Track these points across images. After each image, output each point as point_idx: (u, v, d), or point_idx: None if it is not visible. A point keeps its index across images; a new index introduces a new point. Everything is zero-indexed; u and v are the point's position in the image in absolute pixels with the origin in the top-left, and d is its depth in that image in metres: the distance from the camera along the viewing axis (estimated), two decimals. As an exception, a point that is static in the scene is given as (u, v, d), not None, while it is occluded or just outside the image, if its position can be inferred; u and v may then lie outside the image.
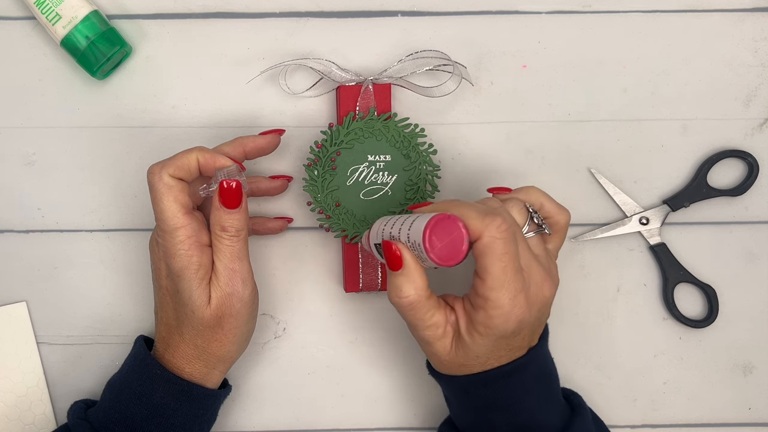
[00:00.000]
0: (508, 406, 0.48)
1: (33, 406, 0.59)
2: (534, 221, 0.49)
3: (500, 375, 0.47)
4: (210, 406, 0.53)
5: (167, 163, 0.49)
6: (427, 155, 0.57)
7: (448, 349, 0.47)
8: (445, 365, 0.49)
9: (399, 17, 0.60)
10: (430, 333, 0.47)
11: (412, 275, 0.46)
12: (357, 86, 0.57)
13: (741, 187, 0.60)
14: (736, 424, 0.61)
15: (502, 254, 0.43)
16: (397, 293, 0.46)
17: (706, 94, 0.61)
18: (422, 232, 0.43)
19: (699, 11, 0.61)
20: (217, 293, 0.49)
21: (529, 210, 0.49)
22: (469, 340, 0.46)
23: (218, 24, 0.59)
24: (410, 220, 0.45)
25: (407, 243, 0.45)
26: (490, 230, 0.43)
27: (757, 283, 0.61)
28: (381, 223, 0.49)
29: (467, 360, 0.47)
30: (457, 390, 0.50)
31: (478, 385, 0.48)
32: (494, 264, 0.43)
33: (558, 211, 0.50)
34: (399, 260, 0.46)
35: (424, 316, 0.46)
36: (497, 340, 0.46)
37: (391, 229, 0.47)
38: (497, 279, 0.44)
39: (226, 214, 0.49)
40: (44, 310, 0.59)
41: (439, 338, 0.47)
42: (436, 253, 0.43)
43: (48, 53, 0.59)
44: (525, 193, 0.51)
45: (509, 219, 0.45)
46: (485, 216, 0.44)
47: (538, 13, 0.60)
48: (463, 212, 0.44)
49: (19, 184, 0.59)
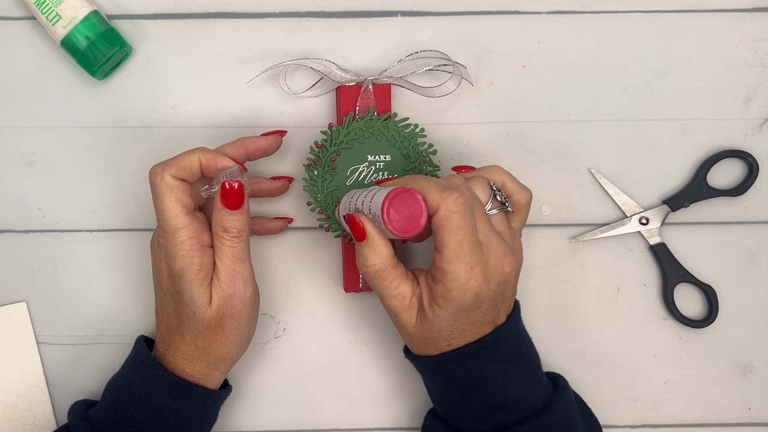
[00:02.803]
0: (480, 384, 0.49)
1: (33, 406, 0.59)
2: (497, 199, 0.50)
3: (468, 353, 0.48)
4: (210, 406, 0.53)
5: (169, 163, 0.49)
6: (427, 155, 0.57)
7: (414, 322, 0.49)
8: (414, 340, 0.50)
9: (399, 17, 0.60)
10: (396, 303, 0.48)
11: (376, 245, 0.47)
12: (357, 86, 0.57)
13: (741, 187, 0.60)
14: (736, 424, 0.61)
15: (458, 227, 0.45)
16: (363, 262, 0.48)
17: (705, 94, 0.61)
18: (381, 205, 0.45)
19: (699, 11, 0.61)
20: (218, 294, 0.49)
21: (492, 188, 0.50)
22: (430, 313, 0.47)
23: (218, 24, 0.59)
24: (372, 193, 0.47)
25: (369, 215, 0.47)
26: (446, 204, 0.45)
27: (757, 283, 0.61)
28: (348, 196, 0.51)
29: (430, 333, 0.48)
30: (430, 372, 0.51)
31: (448, 363, 0.49)
32: (450, 237, 0.45)
33: (519, 189, 0.51)
34: (363, 232, 0.48)
35: (389, 285, 0.48)
36: (456, 312, 0.46)
37: (356, 202, 0.49)
38: (453, 251, 0.45)
39: (228, 215, 0.49)
40: (44, 310, 0.59)
41: (405, 309, 0.49)
42: (394, 225, 0.45)
43: (48, 53, 0.59)
44: (488, 171, 0.52)
45: (467, 193, 0.46)
46: (443, 190, 0.45)
47: (538, 13, 0.60)
48: (423, 186, 0.46)
49: (19, 184, 0.59)
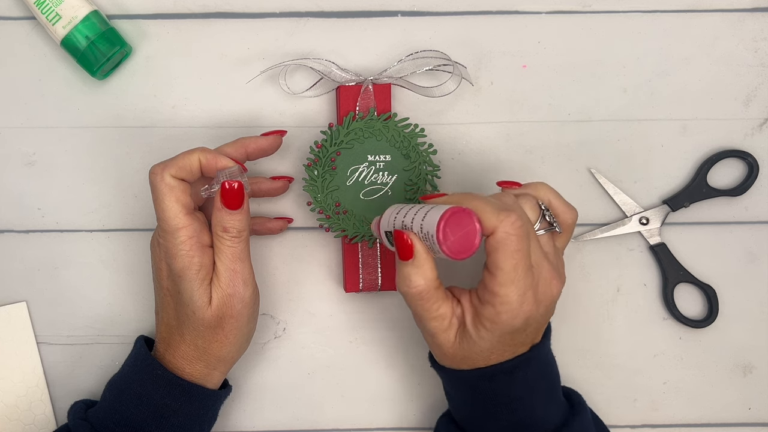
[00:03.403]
0: (509, 402, 0.48)
1: (33, 406, 0.59)
2: (545, 219, 0.49)
3: (503, 371, 0.47)
4: (210, 406, 0.53)
5: (169, 163, 0.49)
6: (427, 155, 0.57)
7: (452, 342, 0.47)
8: (448, 358, 0.49)
9: (399, 17, 0.60)
10: (436, 324, 0.47)
11: (422, 266, 0.46)
12: (357, 86, 0.57)
13: (741, 187, 0.60)
14: (736, 424, 0.61)
15: (515, 251, 0.43)
16: (406, 283, 0.46)
17: (706, 94, 0.61)
18: (436, 224, 0.43)
19: (699, 11, 0.61)
20: (218, 294, 0.49)
21: (541, 207, 0.49)
22: (475, 334, 0.46)
23: (218, 24, 0.59)
24: (424, 210, 0.45)
25: (419, 233, 0.45)
26: (504, 226, 0.43)
27: (757, 283, 0.61)
28: (393, 211, 0.49)
29: (470, 354, 0.47)
30: (458, 384, 0.50)
31: (480, 379, 0.48)
32: (506, 260, 0.44)
33: (566, 209, 0.50)
34: (410, 250, 0.46)
35: (431, 306, 0.47)
36: (502, 335, 0.46)
37: (403, 218, 0.47)
38: (508, 275, 0.44)
39: (228, 215, 0.49)
40: (44, 310, 0.59)
41: (444, 330, 0.47)
42: (449, 245, 0.43)
43: (48, 53, 0.59)
44: (534, 189, 0.50)
45: (523, 216, 0.45)
46: (500, 212, 0.44)
47: (538, 13, 0.60)
48: (477, 206, 0.44)
49: (19, 184, 0.59)
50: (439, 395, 0.60)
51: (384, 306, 0.61)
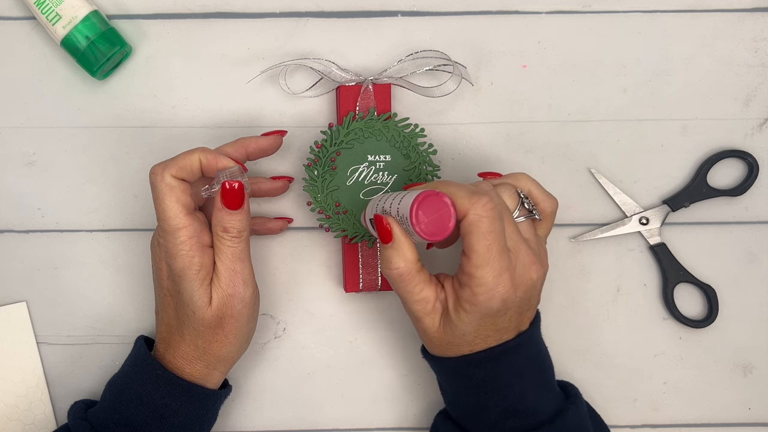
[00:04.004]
0: (499, 388, 0.49)
1: (33, 406, 0.59)
2: (525, 206, 0.50)
3: (490, 357, 0.48)
4: (210, 406, 0.53)
5: (169, 163, 0.49)
6: (427, 155, 0.57)
7: (436, 326, 0.49)
8: (434, 343, 0.50)
9: (399, 17, 0.60)
10: (419, 307, 0.48)
11: (401, 248, 0.47)
12: (357, 86, 0.57)
13: (741, 187, 0.60)
14: (736, 424, 0.61)
15: (487, 232, 0.45)
16: (387, 265, 0.48)
17: (706, 94, 0.61)
18: (410, 207, 0.45)
19: (699, 11, 0.61)
20: (218, 294, 0.49)
21: (520, 195, 0.50)
22: (456, 318, 0.47)
23: (218, 24, 0.59)
24: (401, 195, 0.47)
25: (397, 217, 0.47)
26: (476, 208, 0.45)
27: (757, 283, 0.61)
28: (376, 199, 0.51)
29: (454, 337, 0.48)
30: (448, 372, 0.51)
31: (468, 366, 0.49)
32: (479, 242, 0.45)
33: (546, 197, 0.51)
34: (389, 233, 0.47)
35: (413, 289, 0.48)
36: (482, 318, 0.46)
37: (384, 204, 0.49)
38: (482, 256, 0.45)
39: (228, 215, 0.49)
40: (44, 310, 0.59)
41: (428, 313, 0.48)
42: (422, 227, 0.45)
43: (48, 53, 0.59)
44: (515, 178, 0.52)
45: (496, 199, 0.46)
46: (472, 195, 0.45)
47: (538, 13, 0.60)
48: (451, 191, 0.46)
49: (19, 184, 0.59)
50: (439, 395, 0.60)
51: (384, 306, 0.61)
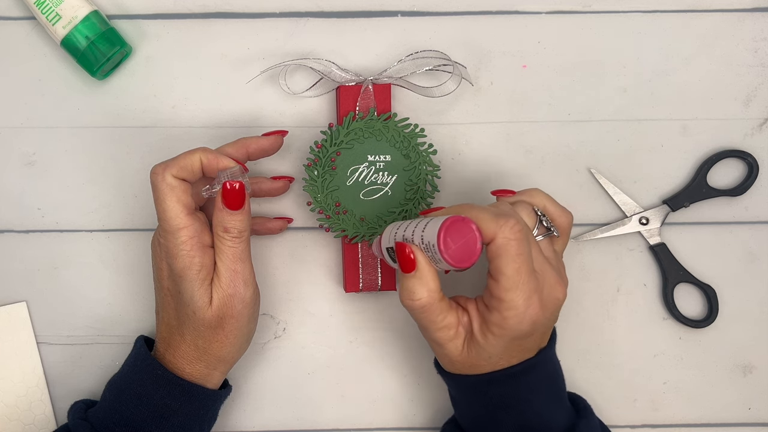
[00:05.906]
0: (516, 405, 0.49)
1: (33, 406, 0.59)
2: (543, 224, 0.49)
3: (511, 375, 0.48)
4: (210, 406, 0.53)
5: (170, 163, 0.49)
6: (427, 155, 0.57)
7: (459, 350, 0.48)
8: (455, 365, 0.49)
9: (399, 17, 0.60)
10: (442, 335, 0.47)
11: (425, 277, 0.46)
12: (357, 86, 0.57)
13: (741, 187, 0.60)
14: (736, 424, 0.61)
15: (516, 255, 0.44)
16: (409, 296, 0.46)
17: (706, 94, 0.61)
18: (437, 234, 0.43)
19: (699, 11, 0.61)
20: (219, 294, 0.49)
21: (537, 213, 0.49)
22: (483, 341, 0.46)
23: (218, 24, 0.59)
24: (424, 222, 0.46)
25: (421, 245, 0.45)
26: (503, 231, 0.44)
27: (757, 283, 0.61)
28: (393, 227, 0.49)
29: (479, 360, 0.47)
30: (465, 389, 0.51)
31: (487, 384, 0.48)
32: (508, 265, 0.44)
33: (561, 213, 0.51)
34: (412, 262, 0.46)
35: (436, 318, 0.47)
36: (511, 341, 0.46)
37: (404, 231, 0.47)
38: (511, 280, 0.44)
39: (229, 215, 0.49)
40: (44, 310, 0.59)
41: (451, 339, 0.47)
42: (451, 254, 0.43)
43: (48, 53, 0.59)
44: (529, 195, 0.51)
45: (522, 221, 0.45)
46: (498, 218, 0.44)
47: (538, 13, 0.60)
48: (476, 215, 0.44)
49: (19, 184, 0.59)
50: (439, 396, 0.60)
51: (384, 306, 0.61)
